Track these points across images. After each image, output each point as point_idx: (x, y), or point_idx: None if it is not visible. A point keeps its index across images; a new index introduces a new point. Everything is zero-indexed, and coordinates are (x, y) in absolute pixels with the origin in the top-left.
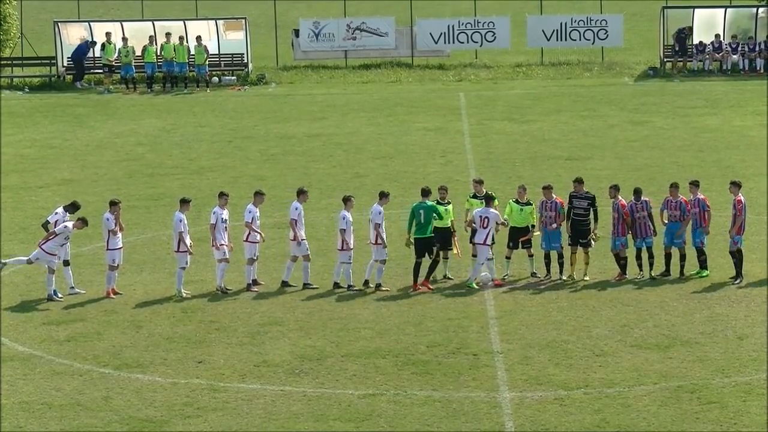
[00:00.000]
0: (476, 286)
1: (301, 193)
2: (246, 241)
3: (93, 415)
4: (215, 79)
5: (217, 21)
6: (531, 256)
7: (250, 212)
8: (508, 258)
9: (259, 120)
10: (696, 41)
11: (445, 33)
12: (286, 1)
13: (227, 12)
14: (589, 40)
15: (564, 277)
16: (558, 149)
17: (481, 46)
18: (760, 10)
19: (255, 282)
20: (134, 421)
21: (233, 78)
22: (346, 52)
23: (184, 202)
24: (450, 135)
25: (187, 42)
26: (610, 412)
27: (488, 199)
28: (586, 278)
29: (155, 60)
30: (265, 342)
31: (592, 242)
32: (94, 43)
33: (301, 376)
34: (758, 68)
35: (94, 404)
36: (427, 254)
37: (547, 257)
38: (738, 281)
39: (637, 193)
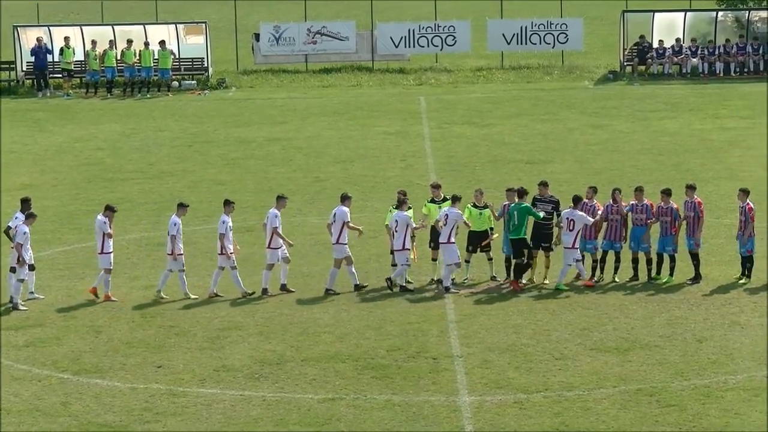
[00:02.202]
0: (565, 287)
1: (345, 198)
2: (269, 247)
3: (52, 421)
4: (175, 83)
5: (177, 25)
6: (491, 259)
7: (276, 217)
8: (467, 261)
9: (219, 124)
10: (655, 45)
11: (405, 37)
12: (246, 1)
13: (187, 16)
14: (549, 43)
15: (523, 281)
16: (518, 153)
17: (441, 50)
18: (720, 14)
19: (284, 287)
20: (93, 426)
21: (193, 82)
22: (306, 56)
23: (182, 206)
24: (410, 139)
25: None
26: (570, 415)
27: (576, 201)
28: (546, 282)
29: (115, 64)
30: (225, 346)
31: (554, 247)
32: (41, 41)
33: (260, 381)
34: (718, 72)
35: (52, 410)
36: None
37: (508, 261)
38: (696, 282)
39: (615, 194)
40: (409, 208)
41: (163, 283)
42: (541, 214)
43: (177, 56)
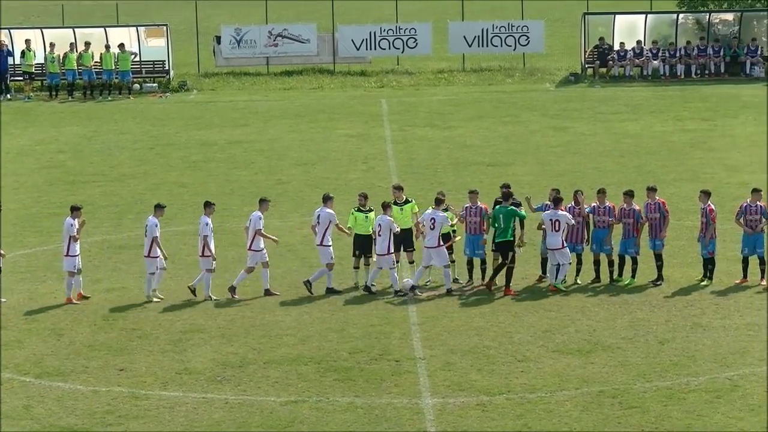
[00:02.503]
0: (563, 288)
1: (328, 199)
2: (250, 249)
3: (14, 424)
4: (136, 86)
5: (138, 28)
6: (453, 261)
7: (260, 219)
8: (426, 267)
9: (180, 127)
10: (617, 47)
11: (366, 39)
12: (207, 1)
13: (149, 18)
14: (510, 46)
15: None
16: (480, 155)
17: (402, 52)
18: (680, 16)
19: (268, 291)
20: (55, 429)
21: (154, 85)
22: (267, 58)
23: (159, 208)
24: (372, 141)
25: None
26: (532, 417)
27: (557, 201)
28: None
29: (75, 67)
30: (187, 349)
31: (518, 249)
32: (2, 43)
33: (223, 384)
34: (679, 74)
35: (14, 413)
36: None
37: (470, 263)
38: (659, 284)
39: (577, 196)
40: (370, 210)
41: (159, 283)
42: (524, 213)
43: (138, 58)
